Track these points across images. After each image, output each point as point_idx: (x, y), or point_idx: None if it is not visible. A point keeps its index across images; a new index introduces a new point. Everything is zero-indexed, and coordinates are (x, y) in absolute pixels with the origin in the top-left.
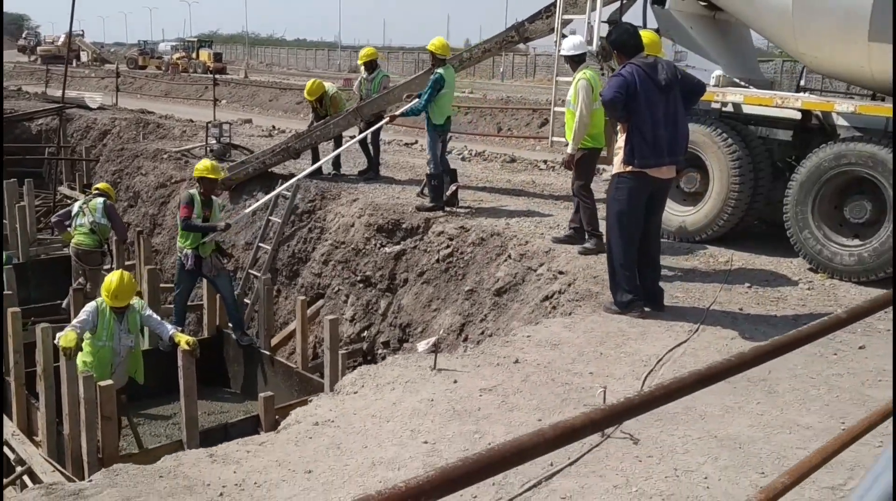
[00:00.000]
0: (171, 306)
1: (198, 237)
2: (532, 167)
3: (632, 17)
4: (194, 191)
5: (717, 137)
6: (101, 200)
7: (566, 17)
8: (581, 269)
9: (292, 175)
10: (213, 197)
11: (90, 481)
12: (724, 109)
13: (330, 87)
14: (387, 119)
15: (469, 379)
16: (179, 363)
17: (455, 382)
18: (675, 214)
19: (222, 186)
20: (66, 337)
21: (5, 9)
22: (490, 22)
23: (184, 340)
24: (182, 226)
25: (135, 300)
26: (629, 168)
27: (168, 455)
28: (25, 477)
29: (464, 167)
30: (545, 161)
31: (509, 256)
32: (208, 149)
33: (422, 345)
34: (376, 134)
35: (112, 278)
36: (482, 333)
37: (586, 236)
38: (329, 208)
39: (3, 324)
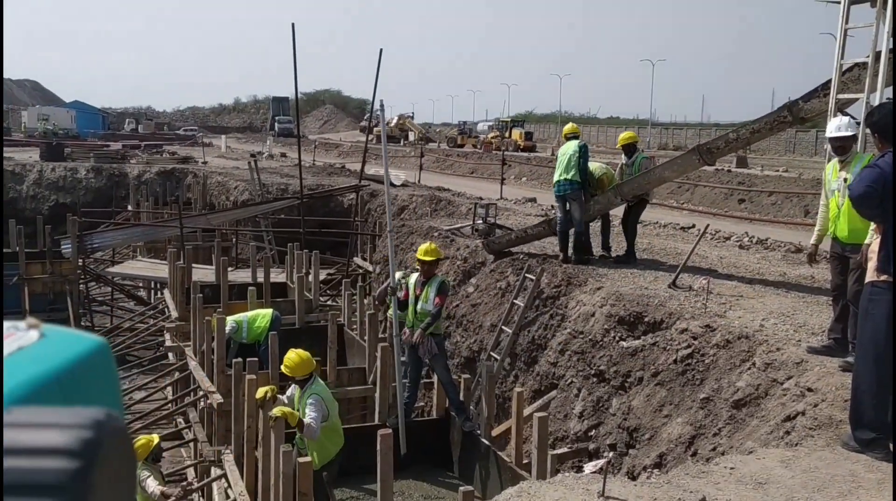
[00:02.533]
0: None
1: (404, 314)
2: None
3: None
4: (415, 274)
5: None
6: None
7: (843, 96)
8: (833, 388)
9: (546, 256)
10: (434, 276)
11: None
12: None
13: (596, 168)
14: None
15: None
16: (378, 447)
17: None
18: None
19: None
20: (260, 389)
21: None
22: None
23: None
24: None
25: (318, 384)
26: (884, 277)
27: None
28: None
29: (738, 257)
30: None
31: (754, 363)
32: (474, 228)
33: (589, 466)
34: (635, 216)
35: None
36: (713, 449)
37: (850, 349)
38: (572, 295)
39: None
